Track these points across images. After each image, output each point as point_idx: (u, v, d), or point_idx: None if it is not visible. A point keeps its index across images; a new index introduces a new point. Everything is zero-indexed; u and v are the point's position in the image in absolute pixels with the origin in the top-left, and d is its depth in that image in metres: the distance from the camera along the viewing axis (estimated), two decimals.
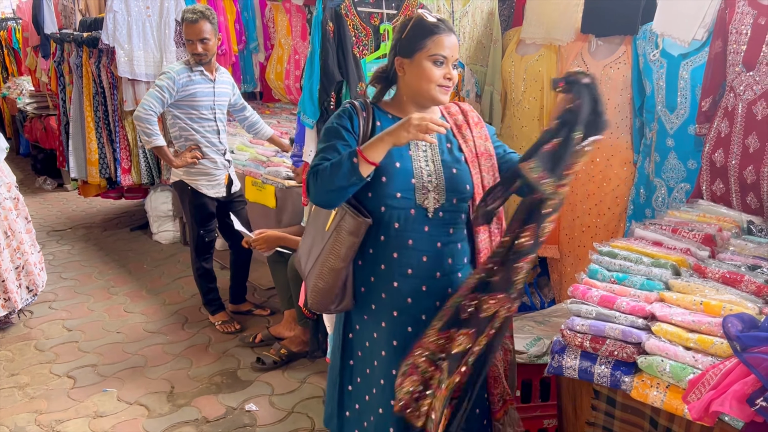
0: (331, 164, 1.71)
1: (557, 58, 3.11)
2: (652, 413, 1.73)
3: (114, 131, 5.20)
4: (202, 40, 3.32)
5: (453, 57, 1.78)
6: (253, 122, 3.80)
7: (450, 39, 1.77)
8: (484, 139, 1.92)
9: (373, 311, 1.90)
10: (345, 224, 1.80)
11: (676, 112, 2.63)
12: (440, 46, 1.76)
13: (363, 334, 1.96)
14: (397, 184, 1.78)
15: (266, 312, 3.94)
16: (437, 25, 1.78)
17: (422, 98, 1.82)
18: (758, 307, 1.66)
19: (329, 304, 1.91)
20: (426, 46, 1.76)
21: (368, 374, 1.96)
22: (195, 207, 3.58)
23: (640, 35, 2.78)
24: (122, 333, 3.75)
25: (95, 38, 4.94)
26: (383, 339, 1.89)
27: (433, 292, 1.86)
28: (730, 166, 2.29)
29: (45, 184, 7.61)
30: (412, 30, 1.80)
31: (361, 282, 1.89)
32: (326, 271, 1.85)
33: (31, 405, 3.02)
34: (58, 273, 4.74)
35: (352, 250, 1.82)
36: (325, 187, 1.71)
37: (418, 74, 1.78)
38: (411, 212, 1.80)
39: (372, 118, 1.84)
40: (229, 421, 2.86)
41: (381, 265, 1.86)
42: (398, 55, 1.83)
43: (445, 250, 1.85)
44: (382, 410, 1.91)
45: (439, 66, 1.77)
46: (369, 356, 1.95)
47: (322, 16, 2.43)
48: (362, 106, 1.85)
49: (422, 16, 1.80)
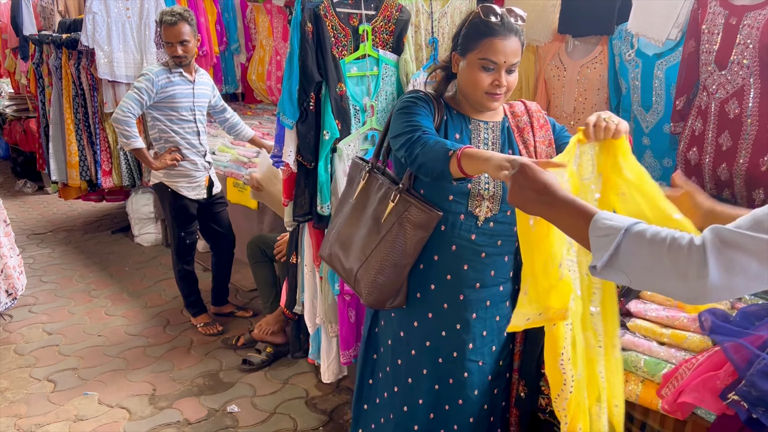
0: (435, 141, 1.59)
1: (535, 58, 3.14)
2: (627, 408, 1.75)
3: (94, 133, 5.16)
4: (181, 42, 3.31)
5: (509, 63, 1.63)
6: (233, 124, 3.80)
7: (508, 43, 1.62)
8: (548, 144, 1.80)
9: (403, 310, 1.85)
10: (411, 217, 1.70)
11: (652, 111, 2.66)
12: (493, 50, 1.62)
13: (387, 331, 1.93)
14: (451, 187, 1.68)
15: (248, 314, 3.93)
16: (494, 27, 1.62)
17: (472, 101, 1.72)
18: (730, 302, 1.70)
19: (386, 300, 1.81)
20: (478, 47, 1.63)
21: (389, 372, 1.94)
22: (175, 209, 3.56)
23: (616, 35, 2.81)
24: (103, 336, 3.73)
25: (74, 40, 4.90)
26: (415, 338, 1.86)
27: (470, 303, 1.80)
28: (704, 164, 2.33)
29: (25, 187, 7.54)
30: (469, 27, 1.67)
31: None
32: (388, 267, 1.75)
33: (11, 409, 3.00)
34: (38, 276, 4.70)
35: (420, 245, 1.73)
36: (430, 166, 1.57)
37: (467, 77, 1.67)
38: (461, 218, 1.73)
39: (443, 112, 1.74)
40: (211, 423, 2.85)
41: (420, 265, 1.80)
42: (454, 51, 1.72)
43: (488, 261, 1.78)
44: (407, 408, 1.89)
45: (489, 72, 1.64)
46: (391, 354, 1.92)
47: (300, 17, 2.43)
48: (433, 98, 1.74)
49: (480, 13, 1.64)
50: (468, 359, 1.83)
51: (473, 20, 1.66)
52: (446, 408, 1.89)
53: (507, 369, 1.94)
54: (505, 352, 1.92)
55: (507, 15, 1.64)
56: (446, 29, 3.37)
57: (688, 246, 0.99)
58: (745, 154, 2.18)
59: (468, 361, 1.84)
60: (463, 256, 1.76)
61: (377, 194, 1.81)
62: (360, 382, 2.05)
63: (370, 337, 2.00)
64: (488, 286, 1.81)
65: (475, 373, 1.85)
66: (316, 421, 2.83)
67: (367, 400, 2.03)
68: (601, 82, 2.89)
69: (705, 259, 0.97)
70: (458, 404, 1.87)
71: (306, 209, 2.58)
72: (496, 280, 1.82)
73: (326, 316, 2.70)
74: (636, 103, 2.72)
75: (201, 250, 4.68)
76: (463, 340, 1.82)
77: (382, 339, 1.96)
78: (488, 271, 1.79)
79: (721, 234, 0.98)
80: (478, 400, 1.88)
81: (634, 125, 2.75)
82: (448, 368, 1.85)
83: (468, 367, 1.84)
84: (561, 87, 2.97)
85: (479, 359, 1.85)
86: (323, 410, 2.91)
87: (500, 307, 1.86)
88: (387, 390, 1.95)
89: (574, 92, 2.94)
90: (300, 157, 2.53)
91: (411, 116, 1.67)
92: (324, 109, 2.48)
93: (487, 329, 1.84)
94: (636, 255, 1.04)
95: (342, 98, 2.49)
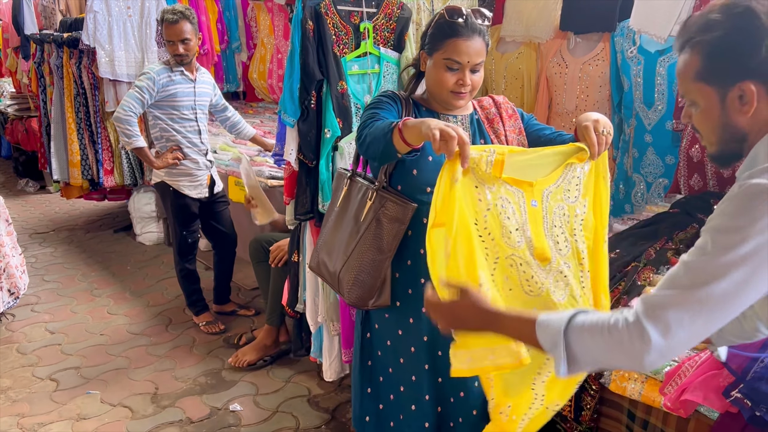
0: (381, 121, 1.64)
1: (537, 55, 3.14)
2: (630, 406, 1.75)
3: (96, 132, 5.16)
4: (183, 41, 3.30)
5: (472, 62, 1.67)
6: (234, 122, 3.79)
7: (471, 43, 1.66)
8: (518, 133, 1.84)
9: (397, 308, 1.86)
10: (387, 211, 1.73)
11: (654, 108, 2.66)
12: (457, 50, 1.65)
13: (384, 332, 1.92)
14: (428, 178, 1.71)
15: (251, 312, 3.93)
16: (458, 27, 1.66)
17: (438, 100, 1.76)
18: None
19: (369, 299, 1.83)
20: (443, 47, 1.67)
21: (391, 373, 1.93)
22: (177, 208, 3.56)
23: (618, 32, 2.81)
24: (105, 335, 3.73)
25: (76, 39, 4.90)
26: (411, 335, 1.86)
27: None
28: (707, 161, 2.32)
29: (27, 186, 7.54)
30: (435, 27, 1.70)
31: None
32: (367, 263, 1.78)
33: (14, 408, 3.00)
34: (40, 276, 4.70)
35: (396, 239, 1.76)
36: (373, 143, 1.62)
37: (433, 76, 1.71)
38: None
39: (411, 110, 1.77)
40: (213, 421, 2.85)
41: (407, 261, 1.81)
42: (422, 50, 1.75)
43: None
44: (415, 407, 1.89)
45: (454, 71, 1.67)
46: (392, 354, 1.92)
47: (301, 15, 2.43)
48: (403, 99, 1.78)
49: (445, 14, 1.68)
50: None
51: (439, 21, 1.70)
52: (451, 400, 1.90)
53: None
54: None
55: (472, 15, 1.68)
56: None
57: (624, 325, 1.06)
58: None
59: None
60: None
61: (357, 196, 1.86)
62: (360, 391, 2.02)
63: (364, 344, 1.99)
64: None
65: None
66: (318, 420, 2.83)
67: (369, 410, 2.01)
68: (603, 79, 2.89)
69: (643, 330, 1.04)
70: (460, 397, 1.89)
71: (307, 207, 2.58)
72: None
73: (328, 315, 2.70)
74: (638, 101, 2.71)
75: (203, 249, 4.68)
76: None
77: (378, 343, 1.96)
78: None
79: (648, 301, 1.06)
80: (479, 391, 1.87)
81: (636, 122, 2.74)
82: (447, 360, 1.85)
83: None
84: (563, 84, 2.97)
85: None
86: (325, 408, 2.91)
87: None
88: (392, 392, 1.94)
89: (576, 90, 2.94)
90: (301, 156, 2.53)
91: (371, 111, 1.73)
92: (325, 107, 2.48)
93: None
94: (585, 348, 1.11)
95: (343, 96, 2.49)
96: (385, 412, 1.97)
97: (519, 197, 1.50)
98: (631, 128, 2.78)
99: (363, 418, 2.02)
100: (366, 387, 2.00)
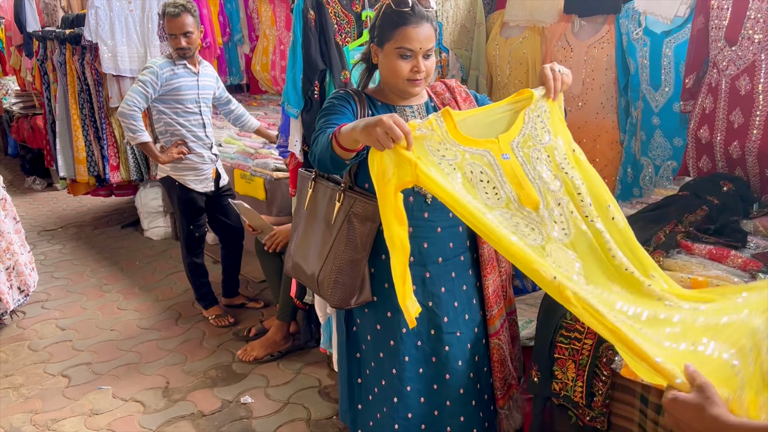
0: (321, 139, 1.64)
1: (541, 39, 3.10)
2: (642, 390, 1.73)
3: (101, 128, 5.16)
4: (185, 34, 3.29)
5: (424, 49, 1.68)
6: (238, 115, 3.78)
7: (420, 30, 1.66)
8: None
9: (374, 303, 1.88)
10: (357, 211, 1.76)
11: (661, 90, 2.63)
12: (408, 38, 1.66)
13: (365, 327, 1.94)
14: None
15: (260, 305, 3.93)
16: (405, 15, 1.66)
17: (395, 90, 1.77)
18: (744, 282, 1.67)
19: (350, 299, 1.85)
20: (393, 37, 1.68)
21: (374, 367, 1.95)
22: (183, 203, 3.56)
23: (623, 14, 2.77)
24: (116, 330, 3.75)
25: (78, 35, 4.90)
26: (392, 328, 1.87)
27: (437, 278, 1.84)
28: (716, 143, 2.29)
29: (34, 184, 7.57)
30: (383, 18, 1.71)
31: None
32: (345, 265, 1.80)
33: (27, 405, 3.02)
34: (49, 273, 4.72)
35: (370, 237, 1.78)
36: (321, 158, 1.62)
37: (387, 66, 1.72)
38: (410, 200, 1.76)
39: (365, 106, 1.79)
40: (225, 414, 2.86)
41: (382, 256, 1.82)
42: (372, 42, 1.77)
43: (445, 235, 1.82)
44: (397, 399, 1.90)
45: (407, 59, 1.68)
46: (373, 349, 1.94)
47: (302, 5, 2.41)
48: (355, 94, 1.80)
49: (391, 4, 1.69)
50: (446, 333, 1.87)
51: (386, 11, 1.71)
52: (435, 387, 1.92)
53: (482, 335, 1.97)
54: (477, 319, 1.95)
55: (417, 3, 1.69)
56: (450, 13, 3.34)
57: None
58: (758, 131, 2.15)
59: (446, 334, 1.87)
60: (421, 234, 1.80)
61: (325, 198, 1.88)
62: (349, 383, 2.05)
63: (350, 337, 2.01)
64: (450, 258, 1.85)
65: (455, 344, 1.89)
66: (329, 410, 2.83)
67: (360, 399, 2.04)
68: (609, 62, 2.85)
69: None
70: (446, 380, 1.91)
71: None
72: (456, 251, 1.86)
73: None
74: (645, 83, 2.68)
75: (211, 243, 4.69)
76: (437, 315, 1.86)
77: (362, 336, 1.98)
78: (447, 243, 1.84)
79: None
80: (464, 370, 1.91)
81: (643, 105, 2.71)
82: (428, 348, 1.89)
83: (447, 340, 1.88)
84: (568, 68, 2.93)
85: (456, 330, 1.89)
86: (336, 399, 2.91)
87: (465, 276, 1.90)
88: (376, 385, 1.97)
89: (581, 73, 2.91)
90: (306, 147, 2.52)
91: (323, 118, 1.74)
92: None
93: (458, 300, 1.89)
94: None
95: (347, 86, 2.47)
96: (373, 402, 1.99)
97: (487, 157, 1.51)
98: (638, 111, 2.75)
99: (356, 406, 2.05)
100: (356, 377, 2.03)
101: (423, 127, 1.47)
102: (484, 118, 1.56)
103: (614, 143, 2.95)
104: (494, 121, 1.56)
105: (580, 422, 1.85)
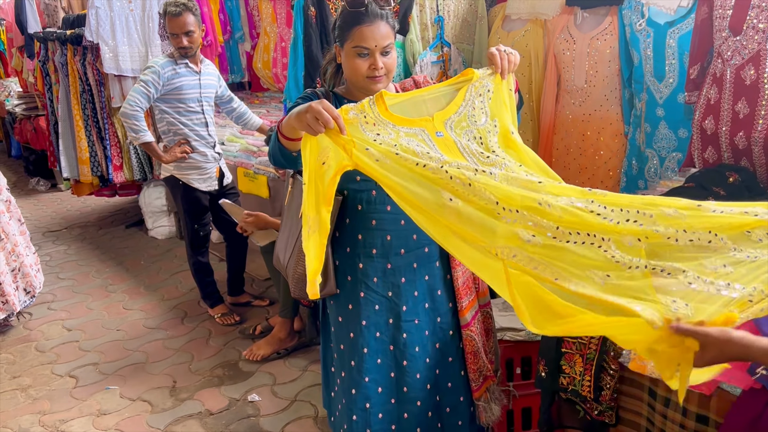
0: (273, 136, 1.71)
1: (544, 32, 3.08)
2: (650, 384, 1.73)
3: (103, 129, 5.16)
4: (186, 33, 3.27)
5: (380, 46, 1.71)
6: (241, 113, 3.77)
7: (375, 28, 1.69)
8: None
9: (338, 295, 1.93)
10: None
11: (665, 81, 2.61)
12: (363, 37, 1.69)
13: (332, 318, 2.00)
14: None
15: (265, 302, 3.93)
16: (359, 15, 1.70)
17: (358, 88, 1.79)
18: None
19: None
20: (350, 37, 1.71)
21: (337, 358, 2.02)
22: (188, 202, 3.56)
23: (626, 5, 2.75)
24: (122, 330, 3.75)
25: (79, 35, 4.90)
26: (351, 320, 1.92)
27: (398, 269, 1.88)
28: (721, 133, 2.28)
29: (38, 185, 7.58)
30: (340, 18, 1.75)
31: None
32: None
33: (35, 406, 3.03)
34: (55, 274, 4.73)
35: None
36: (273, 152, 1.70)
37: (348, 65, 1.76)
38: (372, 193, 1.80)
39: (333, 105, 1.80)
40: (232, 412, 2.86)
41: (346, 248, 1.88)
42: (335, 42, 1.80)
43: (408, 227, 1.83)
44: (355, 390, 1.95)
45: (364, 57, 1.71)
46: (336, 340, 2.00)
47: (303, 1, 2.41)
48: (323, 94, 1.83)
49: (346, 5, 1.73)
50: (404, 321, 1.91)
51: (343, 12, 1.75)
52: (392, 375, 1.95)
53: (449, 326, 1.99)
54: (442, 309, 1.97)
55: (372, 2, 1.72)
56: (451, 7, 3.32)
57: None
58: (763, 122, 2.13)
59: (404, 322, 1.91)
60: (385, 227, 1.83)
61: (299, 192, 1.94)
62: (325, 371, 2.12)
63: (325, 327, 2.07)
64: (412, 250, 1.88)
65: (412, 331, 1.92)
66: None
67: (332, 387, 2.10)
68: (612, 54, 2.84)
69: None
70: (403, 366, 1.94)
71: None
72: (419, 243, 1.88)
73: None
74: (649, 74, 2.66)
75: (215, 241, 4.69)
76: (397, 305, 1.90)
77: (329, 327, 2.04)
78: (410, 236, 1.86)
79: None
80: (420, 356, 1.94)
81: (647, 96, 2.70)
82: (387, 338, 1.93)
83: (405, 328, 1.91)
84: (571, 61, 2.92)
85: (414, 318, 1.92)
86: None
87: (429, 267, 1.92)
88: (338, 376, 2.02)
89: (584, 65, 2.89)
90: None
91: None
92: None
93: (418, 289, 1.91)
94: None
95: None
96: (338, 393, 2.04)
97: (422, 134, 1.56)
98: (642, 102, 2.74)
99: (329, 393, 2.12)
100: (330, 365, 2.09)
101: (355, 110, 1.52)
102: (425, 96, 1.61)
103: (618, 135, 2.93)
104: (434, 98, 1.62)
105: (588, 416, 1.84)
